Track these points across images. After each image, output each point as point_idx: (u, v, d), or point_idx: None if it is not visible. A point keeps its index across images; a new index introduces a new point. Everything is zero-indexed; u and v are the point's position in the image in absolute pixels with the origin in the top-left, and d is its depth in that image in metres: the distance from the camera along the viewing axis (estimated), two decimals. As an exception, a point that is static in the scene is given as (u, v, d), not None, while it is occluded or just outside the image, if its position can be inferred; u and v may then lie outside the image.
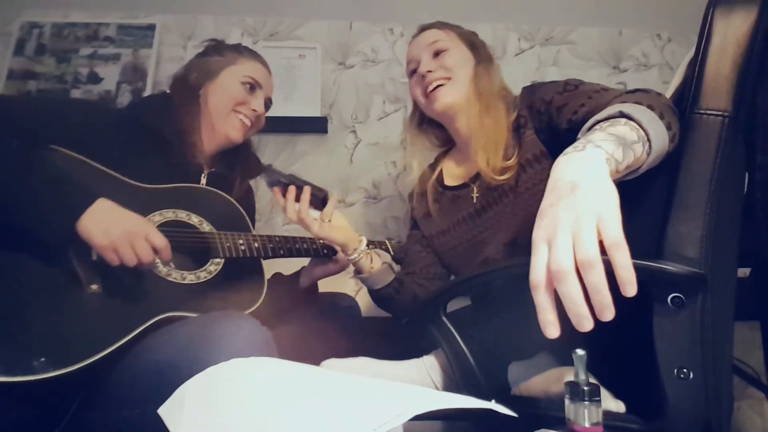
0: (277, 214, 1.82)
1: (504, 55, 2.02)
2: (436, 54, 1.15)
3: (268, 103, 1.27)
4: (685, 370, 0.61)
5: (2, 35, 1.84)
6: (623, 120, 0.66)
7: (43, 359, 0.72)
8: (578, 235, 0.52)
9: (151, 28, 1.89)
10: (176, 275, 0.95)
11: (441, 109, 1.13)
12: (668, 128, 0.67)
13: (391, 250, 1.35)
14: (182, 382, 0.63)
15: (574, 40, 2.03)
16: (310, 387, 0.53)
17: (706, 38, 0.68)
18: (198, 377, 0.59)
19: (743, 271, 0.85)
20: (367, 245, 1.13)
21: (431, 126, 1.26)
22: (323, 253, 1.18)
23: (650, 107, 0.68)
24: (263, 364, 0.62)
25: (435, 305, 0.79)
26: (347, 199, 1.85)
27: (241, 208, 1.16)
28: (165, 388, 0.61)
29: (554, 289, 0.53)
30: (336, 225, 1.09)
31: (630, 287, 0.51)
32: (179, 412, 0.54)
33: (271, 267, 1.15)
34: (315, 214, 1.07)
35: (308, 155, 1.88)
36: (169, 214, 1.00)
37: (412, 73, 1.19)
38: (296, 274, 1.24)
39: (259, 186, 1.43)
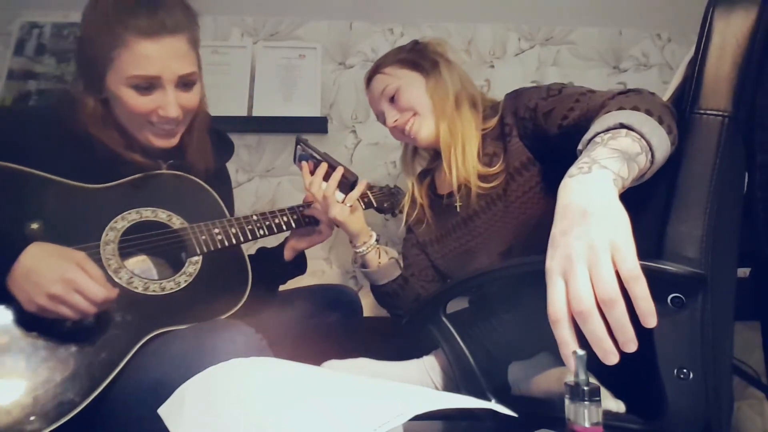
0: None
1: (504, 55, 2.01)
2: (391, 100, 1.13)
3: (190, 84, 0.94)
4: (685, 371, 0.61)
5: (2, 35, 1.84)
6: (624, 131, 0.65)
7: (33, 417, 0.68)
8: (596, 270, 0.51)
9: (151, 28, 1.89)
10: (155, 287, 0.86)
11: (425, 143, 1.14)
12: (669, 132, 0.67)
13: (373, 201, 1.28)
14: None
15: (574, 40, 2.03)
16: (310, 387, 0.53)
17: (705, 38, 0.67)
18: (198, 377, 0.59)
19: (743, 271, 0.85)
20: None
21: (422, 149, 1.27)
22: (305, 223, 1.11)
23: (648, 112, 0.67)
24: (263, 365, 0.62)
25: (435, 305, 0.79)
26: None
27: (210, 189, 1.03)
28: (155, 414, 0.58)
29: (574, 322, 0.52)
30: (355, 213, 1.09)
31: (651, 318, 0.51)
32: (179, 412, 0.54)
33: (253, 244, 1.11)
34: (339, 196, 1.07)
35: (308, 155, 1.88)
36: (133, 216, 0.90)
37: (385, 123, 1.17)
38: (280, 247, 1.18)
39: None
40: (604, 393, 0.68)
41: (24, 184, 0.83)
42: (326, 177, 1.06)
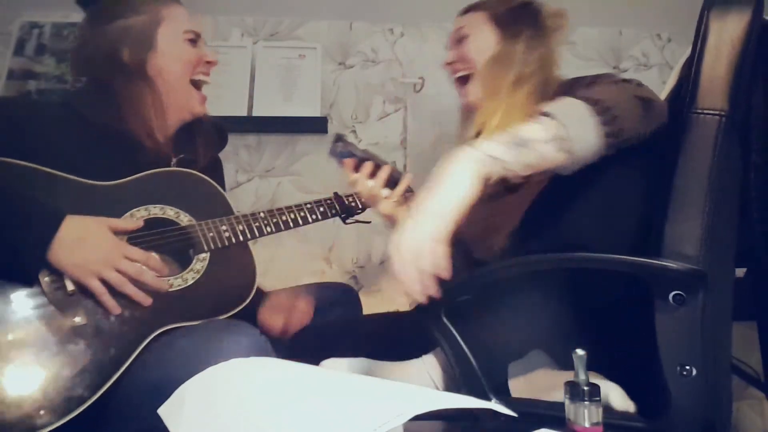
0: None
1: (504, 55, 2.01)
2: (459, 41, 1.09)
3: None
4: (687, 367, 0.61)
5: (2, 35, 1.84)
6: (543, 118, 0.68)
7: (42, 411, 0.69)
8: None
9: (151, 28, 1.89)
10: (163, 284, 0.88)
11: (468, 106, 1.09)
12: (607, 123, 0.67)
13: (358, 203, 1.23)
14: None
15: (574, 40, 2.03)
16: (310, 387, 0.53)
17: (701, 38, 0.68)
18: (198, 377, 0.59)
19: (739, 271, 0.85)
20: (337, 198, 1.13)
21: None
22: (312, 220, 1.09)
23: (596, 102, 0.68)
24: (263, 365, 0.62)
25: (435, 306, 0.79)
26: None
27: (218, 187, 1.05)
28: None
29: None
30: (401, 206, 1.09)
31: None
32: (179, 413, 0.54)
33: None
34: (384, 192, 1.09)
35: (308, 155, 1.88)
36: (141, 213, 0.92)
37: None
38: None
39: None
40: (618, 391, 0.68)
41: (33, 182, 0.84)
42: (372, 174, 1.07)
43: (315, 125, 1.86)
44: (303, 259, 1.81)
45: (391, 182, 1.08)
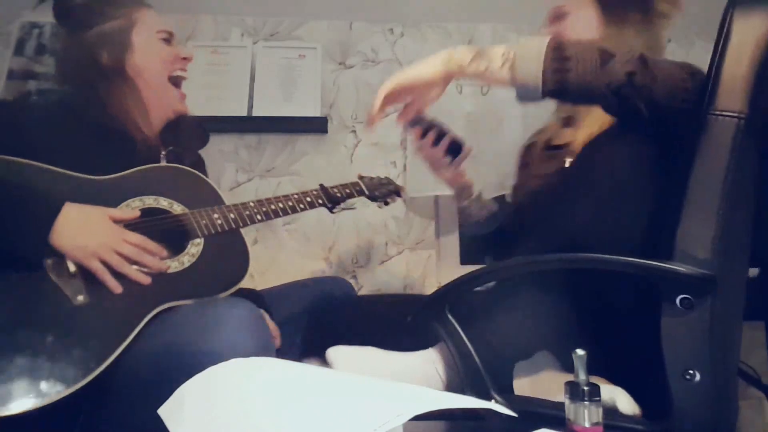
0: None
1: (504, 55, 2.01)
2: (557, 18, 1.09)
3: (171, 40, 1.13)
4: (691, 372, 0.60)
5: (2, 35, 1.84)
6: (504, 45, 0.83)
7: (51, 381, 0.72)
8: None
9: (151, 28, 1.89)
10: (161, 265, 0.92)
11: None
12: (555, 60, 0.75)
13: (365, 189, 1.30)
14: (181, 365, 0.69)
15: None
16: (309, 387, 0.53)
17: (724, 38, 0.66)
18: (197, 377, 0.59)
19: (752, 271, 0.84)
20: (323, 190, 1.18)
21: None
22: (299, 209, 1.14)
23: (557, 42, 0.78)
24: (263, 365, 0.62)
25: (440, 303, 0.78)
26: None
27: (209, 180, 1.11)
28: (165, 375, 0.67)
29: None
30: (461, 173, 1.19)
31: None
32: (179, 413, 0.54)
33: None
34: (446, 159, 1.16)
35: (308, 155, 1.88)
36: (136, 203, 0.96)
37: None
38: None
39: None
40: (625, 396, 0.68)
41: (31, 177, 0.87)
42: (436, 141, 1.13)
43: (315, 125, 1.86)
44: (303, 259, 1.81)
45: (453, 150, 1.15)
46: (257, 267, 1.74)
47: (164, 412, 0.55)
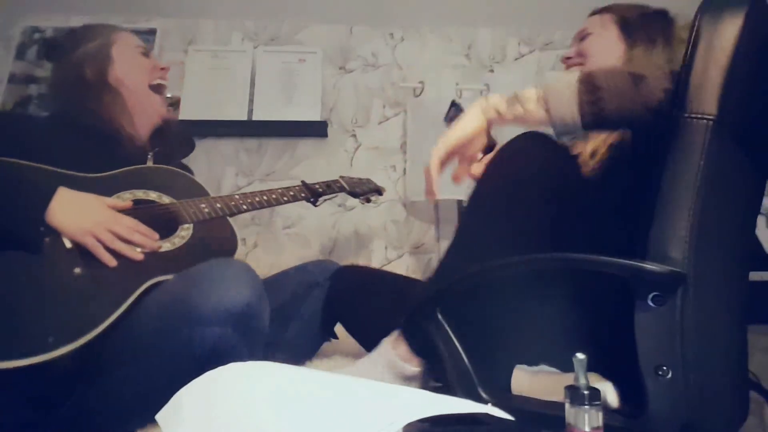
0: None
1: (504, 59, 2.02)
2: (581, 39, 1.13)
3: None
4: (664, 368, 0.62)
5: (3, 39, 1.85)
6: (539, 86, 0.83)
7: (52, 338, 0.76)
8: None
9: (152, 32, 1.90)
10: (153, 244, 0.98)
11: None
12: (589, 93, 0.76)
13: (345, 185, 1.39)
14: (179, 321, 0.77)
15: (574, 44, 2.04)
16: (307, 391, 0.53)
17: (693, 44, 0.69)
18: (196, 382, 0.59)
19: (761, 275, 0.84)
20: (318, 184, 1.27)
21: None
22: (283, 201, 1.26)
23: (588, 76, 0.78)
24: (260, 369, 0.62)
25: (431, 305, 0.79)
26: (347, 203, 1.85)
27: (194, 177, 1.19)
28: (164, 335, 0.77)
29: None
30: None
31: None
32: (177, 417, 0.54)
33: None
34: (480, 155, 1.14)
35: (308, 159, 1.88)
36: (126, 196, 1.03)
37: None
38: None
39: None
40: (612, 390, 0.68)
41: (27, 174, 0.94)
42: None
43: (315, 129, 1.87)
44: (303, 261, 1.80)
45: (488, 149, 1.14)
46: (257, 270, 1.73)
47: (162, 417, 0.55)
